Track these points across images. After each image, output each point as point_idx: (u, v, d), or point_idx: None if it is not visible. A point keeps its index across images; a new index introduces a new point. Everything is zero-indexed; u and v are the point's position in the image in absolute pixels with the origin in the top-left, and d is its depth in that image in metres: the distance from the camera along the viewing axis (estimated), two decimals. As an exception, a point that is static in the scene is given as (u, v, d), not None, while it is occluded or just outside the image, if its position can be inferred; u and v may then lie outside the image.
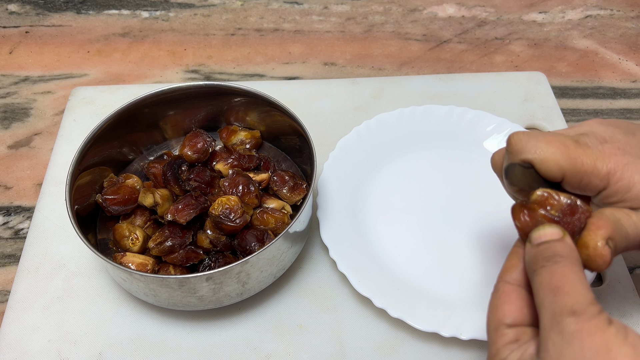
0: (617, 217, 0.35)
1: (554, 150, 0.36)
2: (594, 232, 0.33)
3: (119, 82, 0.75)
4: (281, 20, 0.83)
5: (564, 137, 0.37)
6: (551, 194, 0.35)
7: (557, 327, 0.29)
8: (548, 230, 0.33)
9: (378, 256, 0.55)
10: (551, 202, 0.35)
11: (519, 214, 0.35)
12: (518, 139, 0.37)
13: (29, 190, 0.64)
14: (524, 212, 0.35)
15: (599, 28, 0.82)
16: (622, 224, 0.34)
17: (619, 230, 0.34)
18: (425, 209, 0.59)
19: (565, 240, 0.33)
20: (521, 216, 0.35)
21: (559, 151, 0.36)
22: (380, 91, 0.71)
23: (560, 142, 0.36)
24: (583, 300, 0.29)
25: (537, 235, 0.33)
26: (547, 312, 0.30)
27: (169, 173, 0.55)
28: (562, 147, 0.36)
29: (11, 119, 0.71)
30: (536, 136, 0.37)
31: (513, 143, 0.37)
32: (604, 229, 0.33)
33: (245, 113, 0.61)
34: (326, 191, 0.58)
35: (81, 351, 0.51)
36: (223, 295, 0.49)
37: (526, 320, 0.33)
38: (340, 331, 0.52)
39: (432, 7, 0.85)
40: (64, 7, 0.84)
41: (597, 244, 0.33)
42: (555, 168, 0.36)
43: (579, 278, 0.30)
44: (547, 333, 0.29)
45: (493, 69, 0.76)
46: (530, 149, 0.36)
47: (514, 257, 0.35)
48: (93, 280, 0.55)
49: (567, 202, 0.35)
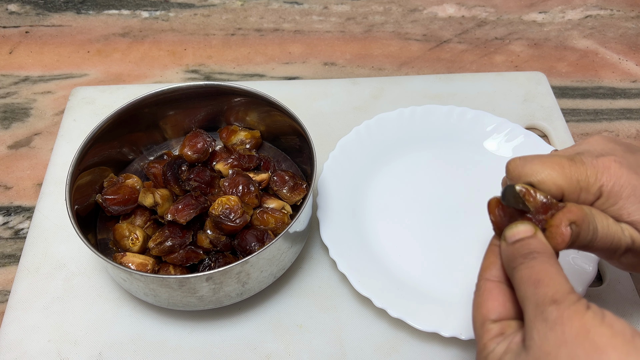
0: (591, 212, 0.37)
1: (549, 172, 0.37)
2: (562, 214, 0.36)
3: (119, 82, 0.75)
4: (281, 20, 0.83)
5: (559, 157, 0.38)
6: (529, 190, 0.36)
7: (541, 316, 0.30)
8: (521, 227, 0.35)
9: (378, 256, 0.55)
10: (527, 198, 0.36)
11: (495, 209, 0.36)
12: (515, 166, 0.38)
13: (29, 190, 0.64)
14: (499, 206, 0.36)
15: (599, 28, 0.82)
16: (594, 218, 0.37)
17: (587, 221, 0.36)
18: (425, 209, 0.59)
19: (538, 236, 0.34)
20: (496, 211, 0.36)
21: (554, 172, 0.37)
22: (380, 91, 0.71)
23: (555, 163, 0.37)
24: (562, 290, 0.31)
25: (511, 233, 0.35)
26: (531, 304, 0.31)
27: (169, 173, 0.55)
28: (557, 167, 0.37)
29: (11, 119, 0.71)
30: (532, 160, 0.38)
31: (511, 170, 0.39)
32: (572, 214, 0.36)
33: (245, 113, 0.61)
34: (326, 191, 0.58)
35: (81, 351, 0.51)
36: (223, 295, 0.49)
37: (510, 314, 0.34)
38: (340, 331, 0.52)
39: (432, 7, 0.85)
40: (64, 7, 0.84)
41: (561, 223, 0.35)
42: (554, 187, 0.37)
43: (556, 270, 0.32)
44: (532, 322, 0.31)
45: (493, 69, 0.76)
46: (527, 172, 0.38)
47: (491, 254, 0.37)
48: (93, 280, 0.55)
49: (543, 200, 0.36)
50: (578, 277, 0.52)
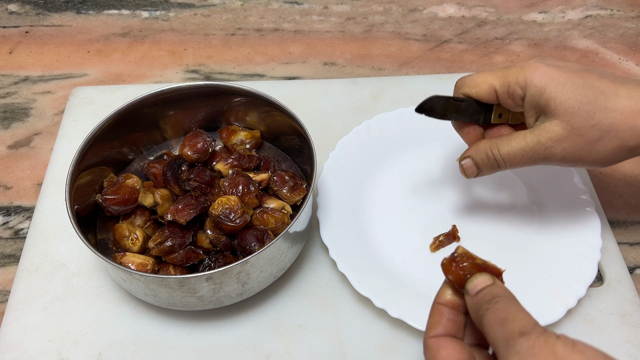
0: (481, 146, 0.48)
1: (484, 76, 0.48)
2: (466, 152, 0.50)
3: (119, 82, 0.75)
4: (281, 20, 0.83)
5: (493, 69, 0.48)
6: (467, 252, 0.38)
7: (513, 349, 0.31)
8: (480, 279, 0.37)
9: (378, 256, 0.55)
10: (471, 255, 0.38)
11: (450, 268, 0.38)
12: (460, 79, 0.49)
13: (29, 190, 0.64)
14: (453, 265, 0.38)
15: (599, 28, 0.82)
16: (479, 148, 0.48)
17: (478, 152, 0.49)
18: (425, 209, 0.59)
19: (497, 283, 0.36)
20: (453, 269, 0.37)
21: (488, 76, 0.47)
22: (380, 91, 0.71)
23: (488, 72, 0.48)
24: (528, 323, 0.32)
25: (472, 285, 0.37)
26: (501, 342, 0.32)
27: (169, 173, 0.55)
28: (490, 73, 0.48)
29: (11, 119, 0.71)
30: (471, 75, 0.49)
31: (457, 83, 0.50)
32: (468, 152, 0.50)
33: (245, 113, 0.61)
34: (326, 191, 0.58)
35: (81, 351, 0.51)
36: (223, 295, 0.49)
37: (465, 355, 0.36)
38: (340, 331, 0.52)
39: (432, 7, 0.85)
40: (64, 7, 0.84)
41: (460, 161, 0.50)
42: (486, 87, 0.47)
43: (519, 308, 0.34)
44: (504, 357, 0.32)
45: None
46: (466, 82, 0.49)
47: (436, 314, 0.38)
48: (93, 280, 0.55)
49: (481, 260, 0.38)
50: (578, 278, 0.52)
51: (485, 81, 0.47)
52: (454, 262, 0.38)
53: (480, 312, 0.35)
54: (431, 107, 0.48)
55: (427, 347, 0.37)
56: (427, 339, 0.37)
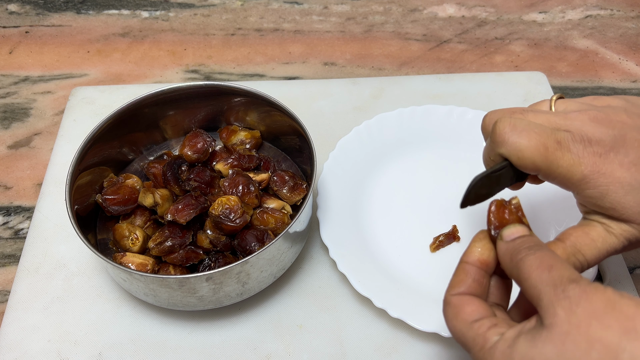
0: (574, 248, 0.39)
1: (532, 151, 0.37)
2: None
3: (119, 82, 0.75)
4: (281, 20, 0.83)
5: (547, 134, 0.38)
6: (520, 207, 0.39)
7: (563, 294, 0.31)
8: (519, 227, 0.36)
9: (378, 256, 0.55)
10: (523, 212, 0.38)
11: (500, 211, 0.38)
12: (502, 132, 0.39)
13: (29, 190, 0.64)
14: (505, 211, 0.38)
15: (599, 28, 0.82)
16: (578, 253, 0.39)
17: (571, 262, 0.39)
18: (425, 209, 0.59)
19: (535, 236, 0.36)
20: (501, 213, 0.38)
21: (537, 151, 0.37)
22: (380, 91, 0.71)
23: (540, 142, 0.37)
24: (575, 273, 0.32)
25: (510, 232, 0.36)
26: (547, 286, 0.32)
27: (169, 173, 0.55)
28: (541, 147, 0.37)
29: (11, 119, 0.71)
30: (520, 131, 0.38)
31: (497, 133, 0.39)
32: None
33: (245, 113, 0.61)
34: (326, 191, 0.58)
35: (81, 351, 0.51)
36: (223, 295, 0.49)
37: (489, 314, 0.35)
38: (340, 331, 0.52)
39: (432, 7, 0.85)
40: (64, 7, 0.84)
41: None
42: (530, 165, 0.38)
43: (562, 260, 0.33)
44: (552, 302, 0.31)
45: (493, 69, 0.76)
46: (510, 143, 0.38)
47: (461, 272, 0.37)
48: (93, 280, 0.55)
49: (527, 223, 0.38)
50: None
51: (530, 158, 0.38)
52: (506, 208, 0.38)
53: (519, 256, 0.34)
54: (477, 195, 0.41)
55: (450, 304, 0.36)
56: (450, 296, 0.37)
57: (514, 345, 0.32)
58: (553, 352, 0.30)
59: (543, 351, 0.30)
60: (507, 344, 0.32)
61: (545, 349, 0.30)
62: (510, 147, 0.38)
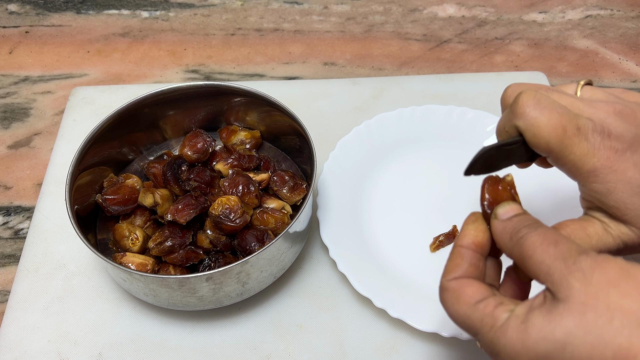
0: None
1: (550, 131, 0.36)
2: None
3: (119, 82, 0.75)
4: (281, 20, 0.83)
5: (569, 117, 0.36)
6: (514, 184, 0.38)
7: (575, 266, 0.30)
8: (514, 205, 0.36)
9: (378, 256, 0.55)
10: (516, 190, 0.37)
11: (494, 187, 0.37)
12: (524, 104, 0.37)
13: (29, 190, 0.64)
14: (498, 186, 0.37)
15: (599, 28, 0.82)
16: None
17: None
18: (425, 209, 0.59)
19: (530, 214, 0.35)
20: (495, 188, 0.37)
21: (554, 132, 0.36)
22: (380, 91, 0.71)
23: (560, 124, 0.36)
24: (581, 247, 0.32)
25: (504, 210, 0.35)
26: (556, 260, 0.31)
27: (169, 173, 0.55)
28: (560, 129, 0.36)
29: (11, 119, 0.71)
30: (542, 107, 0.36)
31: (519, 104, 0.37)
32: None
33: (245, 113, 0.61)
34: (326, 191, 0.58)
35: (81, 351, 0.51)
36: (223, 295, 0.49)
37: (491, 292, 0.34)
38: (340, 331, 0.52)
39: (432, 7, 0.85)
40: (64, 7, 0.84)
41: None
42: (544, 145, 0.37)
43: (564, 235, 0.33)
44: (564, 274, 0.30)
45: (493, 69, 0.76)
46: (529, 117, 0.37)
47: (457, 257, 0.36)
48: (93, 280, 0.55)
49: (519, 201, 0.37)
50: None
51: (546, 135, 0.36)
52: (500, 184, 0.37)
53: (520, 234, 0.33)
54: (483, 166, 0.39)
55: (447, 290, 0.35)
56: (446, 281, 0.35)
57: (528, 321, 0.31)
58: (573, 323, 0.29)
59: (562, 323, 0.30)
60: (520, 320, 0.31)
61: (564, 321, 0.30)
62: (528, 122, 0.37)
